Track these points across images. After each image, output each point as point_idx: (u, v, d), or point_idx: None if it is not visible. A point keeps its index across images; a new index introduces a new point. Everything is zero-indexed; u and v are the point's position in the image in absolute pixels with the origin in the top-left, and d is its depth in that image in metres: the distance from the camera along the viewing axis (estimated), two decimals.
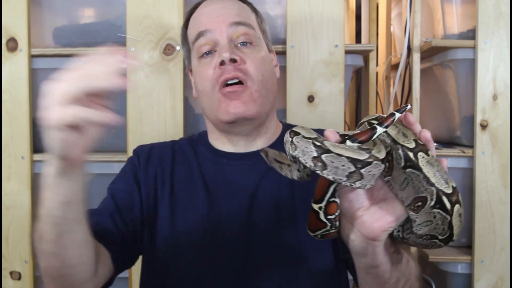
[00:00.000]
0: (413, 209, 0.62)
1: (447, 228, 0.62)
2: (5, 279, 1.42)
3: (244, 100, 0.91)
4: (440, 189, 0.60)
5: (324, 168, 0.59)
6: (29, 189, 1.41)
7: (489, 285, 1.40)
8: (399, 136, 0.62)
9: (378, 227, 0.63)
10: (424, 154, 0.61)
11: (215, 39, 0.93)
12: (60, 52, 1.41)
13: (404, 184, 0.62)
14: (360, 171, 0.58)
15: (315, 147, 0.59)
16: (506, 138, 1.38)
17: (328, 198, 0.64)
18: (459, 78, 1.44)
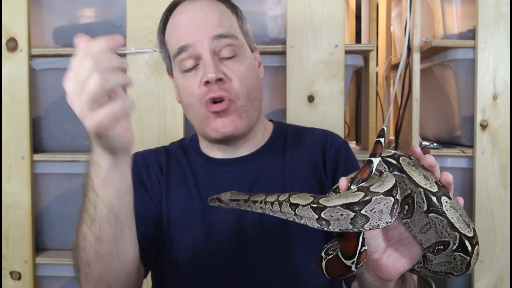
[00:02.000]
0: (433, 251, 0.62)
1: (465, 267, 0.62)
2: (5, 279, 1.42)
3: (232, 118, 0.89)
4: (464, 233, 0.59)
5: (329, 224, 0.58)
6: (29, 189, 1.41)
7: (489, 285, 1.40)
8: (421, 179, 0.60)
9: (394, 270, 0.63)
10: (447, 199, 0.60)
11: (197, 53, 0.89)
12: (60, 52, 1.41)
13: (426, 228, 0.61)
14: (362, 212, 0.56)
15: (314, 210, 0.59)
16: (506, 138, 1.38)
17: (360, 249, 0.61)
18: (459, 78, 1.44)
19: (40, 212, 1.47)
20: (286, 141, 1.00)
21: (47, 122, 1.47)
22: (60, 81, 1.57)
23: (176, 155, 1.01)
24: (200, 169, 0.98)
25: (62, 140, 1.47)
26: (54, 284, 1.48)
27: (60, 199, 1.47)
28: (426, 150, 1.46)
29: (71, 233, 1.47)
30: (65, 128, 1.47)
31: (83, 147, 1.48)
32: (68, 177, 1.46)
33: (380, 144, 0.60)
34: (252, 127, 0.95)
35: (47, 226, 1.48)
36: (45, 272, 1.44)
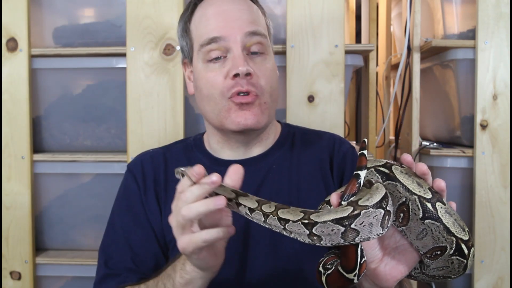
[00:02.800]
0: (430, 257, 0.63)
1: (462, 270, 0.64)
2: (5, 279, 1.42)
3: (255, 112, 0.89)
4: (460, 237, 0.61)
5: (320, 239, 0.60)
6: (29, 189, 1.41)
7: (489, 285, 1.40)
8: (415, 187, 0.61)
9: (392, 278, 0.65)
10: (441, 204, 0.61)
11: (228, 46, 0.89)
12: (60, 52, 1.41)
13: (422, 235, 0.62)
14: (351, 227, 0.57)
15: (305, 226, 0.60)
16: (506, 138, 1.38)
17: (360, 261, 0.62)
18: (459, 78, 1.44)
19: (40, 212, 1.47)
20: (294, 143, 1.01)
21: (47, 122, 1.47)
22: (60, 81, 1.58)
23: (176, 158, 1.00)
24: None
25: (62, 140, 1.47)
26: (54, 284, 1.48)
27: (60, 199, 1.47)
28: (426, 150, 1.46)
29: (71, 233, 1.48)
30: (65, 128, 1.47)
31: (83, 147, 1.48)
32: (68, 177, 1.46)
33: (364, 157, 0.61)
34: (269, 126, 0.96)
35: (47, 226, 1.48)
36: (45, 272, 1.44)
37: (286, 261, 0.90)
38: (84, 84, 1.47)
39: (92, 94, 1.46)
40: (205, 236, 0.65)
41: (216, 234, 0.65)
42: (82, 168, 1.42)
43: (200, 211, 0.64)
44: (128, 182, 0.99)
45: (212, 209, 0.64)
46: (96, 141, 1.47)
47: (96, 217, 1.46)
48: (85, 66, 1.42)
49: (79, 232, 1.48)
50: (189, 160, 0.98)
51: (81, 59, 1.42)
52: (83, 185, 1.47)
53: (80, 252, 1.46)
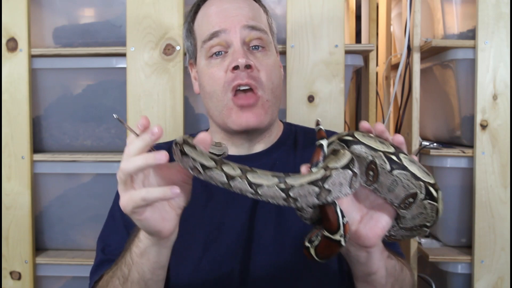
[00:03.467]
0: (404, 206, 0.67)
1: (435, 214, 0.67)
2: (5, 279, 1.42)
3: (257, 112, 0.90)
4: (427, 181, 0.65)
5: (296, 201, 0.63)
6: (29, 189, 1.41)
7: (489, 285, 1.40)
8: (378, 145, 0.66)
9: (374, 235, 0.67)
10: (404, 155, 0.66)
11: (228, 40, 0.91)
12: (60, 52, 1.41)
13: (393, 186, 0.66)
14: (325, 187, 0.62)
15: (281, 191, 0.63)
16: (506, 138, 1.38)
17: (342, 221, 0.65)
18: (459, 78, 1.44)
19: (40, 212, 1.47)
20: (296, 141, 1.02)
21: (47, 122, 1.47)
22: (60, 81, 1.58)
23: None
24: None
25: (62, 140, 1.47)
26: (54, 284, 1.48)
27: (60, 199, 1.47)
28: (426, 150, 1.46)
29: (71, 233, 1.48)
30: (65, 128, 1.47)
31: (83, 147, 1.48)
32: (68, 177, 1.46)
33: (321, 131, 0.67)
34: (272, 125, 0.97)
35: (47, 226, 1.48)
36: (45, 272, 1.44)
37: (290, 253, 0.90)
38: (84, 84, 1.47)
39: (92, 94, 1.46)
40: (144, 194, 0.61)
41: (156, 193, 0.61)
42: (82, 168, 1.42)
43: (139, 165, 0.61)
44: None
45: (151, 163, 0.60)
46: (96, 141, 1.47)
47: (96, 217, 1.46)
48: (85, 66, 1.42)
49: (79, 232, 1.48)
50: None
51: (81, 59, 1.42)
52: (83, 185, 1.47)
53: (80, 252, 1.46)
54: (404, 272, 0.80)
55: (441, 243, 1.54)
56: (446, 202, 1.49)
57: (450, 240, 1.52)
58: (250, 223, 0.91)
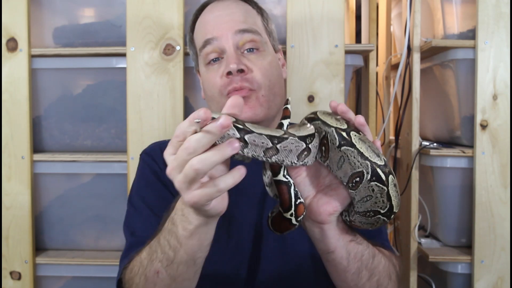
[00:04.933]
0: (352, 186, 0.66)
1: (386, 200, 0.65)
2: (5, 279, 1.42)
3: (252, 105, 0.91)
4: (374, 161, 0.64)
5: (245, 147, 0.62)
6: (29, 189, 1.41)
7: (489, 285, 1.40)
8: (333, 121, 0.68)
9: (324, 211, 0.68)
10: (356, 133, 0.66)
11: (221, 46, 0.94)
12: (60, 52, 1.41)
13: (341, 162, 0.66)
14: (277, 146, 0.63)
15: (237, 130, 0.61)
16: (506, 138, 1.38)
17: (295, 202, 0.68)
18: (459, 78, 1.44)
19: (40, 212, 1.47)
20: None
21: (47, 122, 1.47)
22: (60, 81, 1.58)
23: None
24: None
25: (62, 140, 1.47)
26: (54, 284, 1.48)
27: (60, 199, 1.47)
28: (426, 150, 1.46)
29: (71, 233, 1.48)
30: (65, 128, 1.47)
31: (83, 147, 1.48)
32: (68, 177, 1.46)
33: (287, 109, 0.70)
34: (271, 120, 0.97)
35: (47, 226, 1.48)
36: (45, 272, 1.44)
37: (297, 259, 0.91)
38: (84, 84, 1.47)
39: (92, 94, 1.46)
40: (221, 185, 0.59)
41: (230, 181, 0.60)
42: (82, 168, 1.42)
43: (216, 161, 0.57)
44: (147, 163, 1.00)
45: (229, 155, 0.58)
46: (96, 141, 1.47)
47: (96, 217, 1.46)
48: (85, 66, 1.42)
49: (79, 232, 1.48)
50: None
51: (81, 59, 1.42)
52: (83, 185, 1.47)
53: (80, 252, 1.46)
54: (377, 260, 0.78)
55: (441, 243, 1.54)
56: (446, 202, 1.49)
57: (450, 240, 1.52)
58: (260, 216, 0.93)
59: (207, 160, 0.57)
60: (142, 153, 1.04)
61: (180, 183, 0.60)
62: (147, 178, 0.98)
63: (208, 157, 0.57)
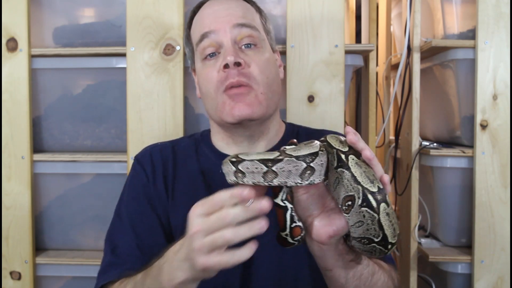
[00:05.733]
0: (345, 209, 0.66)
1: (378, 229, 0.64)
2: (5, 279, 1.42)
3: (249, 102, 0.90)
4: (366, 187, 0.63)
5: (244, 176, 0.65)
6: (29, 189, 1.41)
7: (489, 285, 1.40)
8: (336, 143, 0.68)
9: (324, 233, 0.68)
10: (354, 157, 0.65)
11: (219, 40, 0.92)
12: (60, 52, 1.41)
13: (336, 183, 0.66)
14: (273, 169, 0.64)
15: (232, 163, 0.66)
16: (506, 138, 1.38)
17: (290, 225, 0.70)
18: (459, 78, 1.44)
19: (40, 212, 1.47)
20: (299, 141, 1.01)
21: (47, 122, 1.47)
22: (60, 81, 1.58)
23: (184, 151, 1.01)
24: (210, 164, 0.98)
25: (62, 140, 1.47)
26: (54, 284, 1.48)
27: (60, 199, 1.47)
28: (426, 150, 1.46)
29: (71, 233, 1.48)
30: (65, 128, 1.47)
31: (83, 147, 1.48)
32: (68, 177, 1.46)
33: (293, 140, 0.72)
34: (268, 118, 0.96)
35: (47, 226, 1.48)
36: (45, 272, 1.44)
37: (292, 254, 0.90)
38: (84, 84, 1.47)
39: (92, 94, 1.46)
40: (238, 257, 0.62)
41: (248, 254, 0.63)
42: (82, 168, 1.42)
43: (245, 236, 0.61)
44: (137, 172, 1.00)
45: (256, 234, 0.61)
46: (96, 141, 1.47)
47: (96, 217, 1.46)
48: (85, 66, 1.42)
49: (79, 232, 1.48)
50: (197, 154, 1.00)
51: (81, 59, 1.42)
52: (83, 185, 1.47)
53: (80, 252, 1.46)
54: (376, 278, 0.79)
55: (441, 243, 1.54)
56: (446, 202, 1.49)
57: (450, 240, 1.52)
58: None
59: (240, 235, 0.61)
60: (134, 158, 1.03)
61: (203, 246, 0.62)
62: (137, 191, 0.98)
63: (242, 233, 0.61)
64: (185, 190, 0.96)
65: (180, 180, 0.97)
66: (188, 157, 1.00)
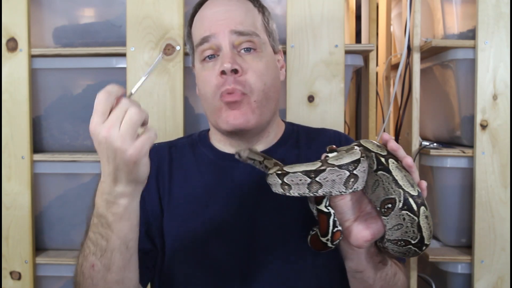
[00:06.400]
0: (384, 212, 0.68)
1: (417, 231, 0.67)
2: (5, 279, 1.42)
3: (244, 111, 0.90)
4: (407, 191, 0.65)
5: (290, 188, 0.67)
6: (29, 189, 1.41)
7: (489, 285, 1.40)
8: (374, 147, 0.70)
9: (362, 237, 0.71)
10: (394, 161, 0.67)
11: (218, 43, 0.92)
12: (60, 52, 1.41)
13: (375, 186, 0.68)
14: (316, 179, 0.65)
15: (278, 177, 0.68)
16: (506, 138, 1.38)
17: (332, 230, 0.72)
18: (459, 78, 1.44)
19: (40, 212, 1.47)
20: (299, 139, 1.02)
21: (47, 122, 1.47)
22: (60, 81, 1.58)
23: (181, 152, 1.01)
24: (209, 164, 0.98)
25: (62, 140, 1.47)
26: (54, 284, 1.48)
27: (60, 199, 1.47)
28: (426, 150, 1.46)
29: (71, 233, 1.48)
30: (65, 128, 1.47)
31: (83, 147, 1.48)
32: (68, 177, 1.46)
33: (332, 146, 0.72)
34: (265, 125, 0.96)
35: (47, 226, 1.48)
36: (45, 272, 1.44)
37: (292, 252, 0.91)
38: (84, 84, 1.47)
39: (92, 94, 1.44)
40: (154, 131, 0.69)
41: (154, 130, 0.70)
42: (82, 168, 1.42)
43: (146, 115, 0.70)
44: None
45: None
46: None
47: None
48: (85, 66, 1.42)
49: (79, 232, 1.48)
50: (194, 154, 1.00)
51: (81, 59, 1.42)
52: (83, 185, 1.47)
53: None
54: (397, 278, 0.84)
55: (441, 243, 1.54)
56: (446, 202, 1.49)
57: (450, 240, 1.52)
58: (251, 222, 0.91)
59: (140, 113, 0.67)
60: None
61: (124, 136, 0.66)
62: None
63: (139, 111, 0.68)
64: (182, 189, 0.96)
65: (177, 180, 0.97)
66: (184, 157, 1.00)
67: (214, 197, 0.94)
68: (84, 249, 0.77)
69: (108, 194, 0.71)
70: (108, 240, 0.73)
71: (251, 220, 0.92)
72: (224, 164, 0.97)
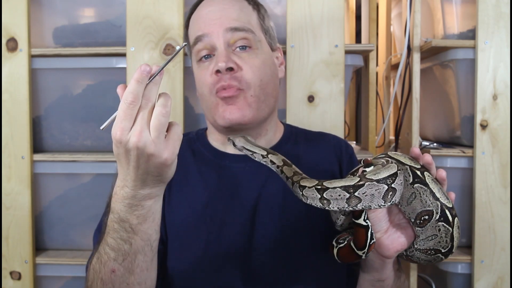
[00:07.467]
0: (419, 223, 0.70)
1: (449, 241, 0.70)
2: (5, 279, 1.42)
3: (240, 105, 0.90)
4: (444, 203, 0.68)
5: (329, 203, 0.68)
6: (29, 189, 1.41)
7: (489, 285, 1.40)
8: (406, 160, 0.72)
9: (393, 248, 0.74)
10: (429, 174, 0.70)
11: (212, 43, 0.92)
12: (60, 52, 1.41)
13: (411, 199, 0.70)
14: (355, 194, 0.66)
15: (317, 191, 0.69)
16: (506, 138, 1.38)
17: (369, 242, 0.74)
18: (459, 78, 1.44)
19: (40, 212, 1.47)
20: (297, 141, 1.02)
21: (47, 122, 1.47)
22: (60, 81, 1.58)
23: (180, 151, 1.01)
24: (207, 163, 0.98)
25: (62, 140, 1.47)
26: (54, 284, 1.48)
27: (60, 199, 1.47)
28: (426, 150, 1.46)
29: (71, 233, 1.48)
30: (65, 128, 1.47)
31: (83, 147, 1.48)
32: (68, 177, 1.46)
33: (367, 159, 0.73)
34: (262, 121, 0.95)
35: (47, 226, 1.48)
36: (45, 272, 1.44)
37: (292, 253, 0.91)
38: (84, 84, 1.47)
39: (92, 94, 1.46)
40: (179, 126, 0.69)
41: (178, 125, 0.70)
42: (82, 168, 1.42)
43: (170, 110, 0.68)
44: None
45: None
46: (96, 141, 1.47)
47: (96, 217, 1.45)
48: (85, 66, 1.42)
49: (79, 232, 1.48)
50: (193, 153, 1.00)
51: (81, 59, 1.42)
52: (83, 185, 1.47)
53: (80, 252, 1.46)
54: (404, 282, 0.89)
55: None
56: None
57: None
58: (252, 221, 0.91)
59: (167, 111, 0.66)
60: None
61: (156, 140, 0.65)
62: None
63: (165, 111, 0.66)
64: (181, 189, 0.96)
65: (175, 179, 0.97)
66: (182, 156, 0.99)
67: (213, 197, 0.94)
68: (102, 255, 0.76)
69: (131, 199, 0.70)
70: (132, 244, 0.73)
71: (251, 220, 0.92)
72: (223, 163, 0.97)
